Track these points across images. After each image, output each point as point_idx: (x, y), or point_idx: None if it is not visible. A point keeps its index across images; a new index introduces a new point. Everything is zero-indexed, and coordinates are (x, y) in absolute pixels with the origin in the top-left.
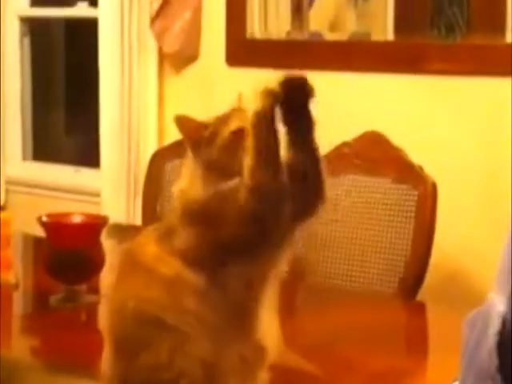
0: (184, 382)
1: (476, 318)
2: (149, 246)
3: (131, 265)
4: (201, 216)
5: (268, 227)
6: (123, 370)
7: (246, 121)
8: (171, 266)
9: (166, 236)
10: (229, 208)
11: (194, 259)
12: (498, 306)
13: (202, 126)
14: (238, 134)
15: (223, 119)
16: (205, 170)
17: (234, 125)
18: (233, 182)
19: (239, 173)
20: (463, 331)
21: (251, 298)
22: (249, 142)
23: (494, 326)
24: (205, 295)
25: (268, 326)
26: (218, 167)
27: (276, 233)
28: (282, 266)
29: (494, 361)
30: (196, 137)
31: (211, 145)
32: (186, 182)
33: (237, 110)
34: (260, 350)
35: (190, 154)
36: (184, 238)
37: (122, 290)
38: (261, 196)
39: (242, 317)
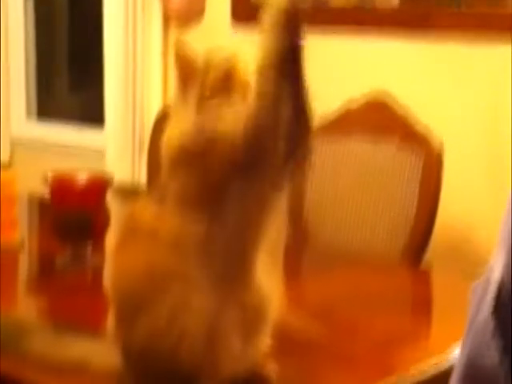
0: (184, 345)
1: (478, 285)
2: (148, 208)
3: (132, 229)
4: (192, 153)
5: (266, 149)
6: (125, 335)
7: (237, 65)
8: (169, 224)
9: (161, 197)
10: (223, 134)
11: (189, 203)
12: (496, 272)
13: (195, 61)
14: (229, 74)
15: (213, 59)
16: (196, 101)
17: (224, 65)
18: (224, 110)
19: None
20: (470, 300)
21: (252, 240)
22: (259, 73)
23: (491, 293)
24: (205, 243)
25: (272, 284)
26: (210, 98)
27: (273, 160)
28: (281, 207)
29: (490, 327)
30: (188, 72)
31: (204, 75)
32: (173, 128)
33: (229, 55)
34: (264, 300)
35: (179, 84)
36: (177, 184)
37: (124, 255)
38: (263, 119)
39: (243, 264)
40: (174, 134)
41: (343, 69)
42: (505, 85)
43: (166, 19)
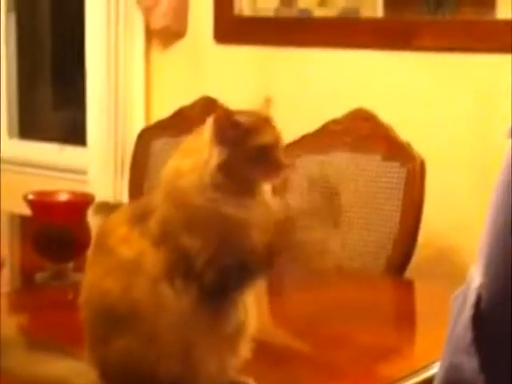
0: (162, 365)
1: (459, 293)
2: (119, 227)
3: (99, 246)
4: (188, 208)
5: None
6: (100, 356)
7: (275, 133)
8: (134, 247)
9: (142, 216)
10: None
11: (166, 239)
12: (476, 279)
13: (235, 122)
14: (267, 149)
15: (254, 127)
16: (220, 164)
17: (265, 138)
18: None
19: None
20: (450, 308)
21: (223, 278)
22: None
23: (470, 301)
24: (167, 278)
25: (249, 301)
26: (234, 173)
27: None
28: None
29: (469, 334)
30: (225, 129)
31: (238, 146)
32: (188, 164)
33: (266, 121)
34: (239, 325)
35: (211, 140)
36: (163, 216)
37: (88, 276)
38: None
39: (214, 297)
40: (183, 173)
41: (326, 79)
42: (491, 95)
43: (149, 37)
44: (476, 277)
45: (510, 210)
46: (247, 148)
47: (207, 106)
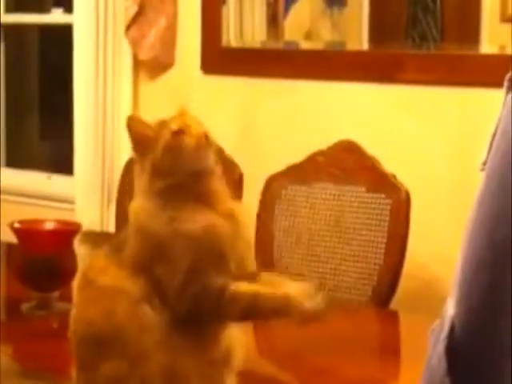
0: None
1: (435, 325)
2: (97, 260)
3: (84, 281)
4: (154, 239)
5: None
6: (88, 381)
7: (185, 122)
8: (111, 276)
9: (117, 248)
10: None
11: (139, 269)
12: (449, 310)
13: (149, 128)
14: (179, 134)
15: (164, 122)
16: (150, 174)
17: (174, 125)
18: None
19: (181, 175)
20: (428, 340)
21: (197, 307)
22: None
23: (444, 331)
24: (146, 304)
25: (236, 331)
26: (162, 170)
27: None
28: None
29: (443, 365)
30: (142, 140)
31: (154, 147)
32: (138, 196)
33: (177, 114)
34: (225, 354)
35: (136, 160)
36: (132, 247)
37: (76, 308)
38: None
39: (193, 325)
40: (137, 210)
41: (312, 111)
42: (475, 128)
43: (136, 68)
44: (450, 308)
45: (480, 244)
46: (161, 141)
47: None
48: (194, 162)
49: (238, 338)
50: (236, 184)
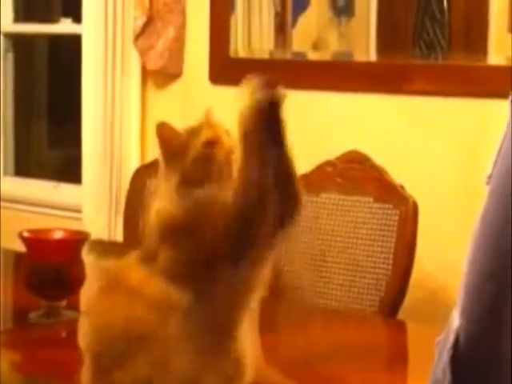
0: None
1: (441, 336)
2: (132, 271)
3: (114, 287)
4: (181, 231)
5: (254, 228)
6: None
7: (217, 133)
8: (155, 287)
9: (148, 259)
10: (210, 214)
11: (177, 276)
12: (455, 321)
13: (179, 136)
14: (209, 145)
15: (194, 130)
16: (179, 181)
17: (204, 136)
18: (208, 189)
19: (213, 183)
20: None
21: (235, 315)
22: (241, 144)
23: (449, 342)
24: (189, 313)
25: (248, 342)
26: (192, 178)
27: (261, 236)
28: (265, 279)
29: (448, 376)
30: (171, 147)
31: (184, 156)
32: (161, 200)
33: (207, 123)
34: (240, 367)
35: (163, 165)
36: (166, 257)
37: (103, 310)
38: (249, 194)
39: (224, 334)
40: (163, 207)
41: (319, 121)
42: (483, 139)
43: (144, 78)
44: (455, 319)
45: (485, 255)
46: (192, 151)
47: None
48: (223, 174)
49: (248, 349)
50: None
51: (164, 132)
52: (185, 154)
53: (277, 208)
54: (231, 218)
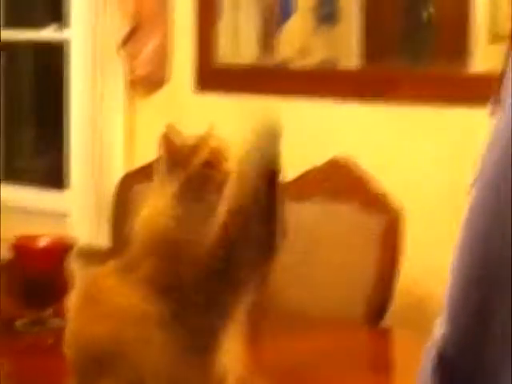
0: None
1: (427, 345)
2: (107, 279)
3: (87, 298)
4: (169, 242)
5: (238, 260)
6: None
7: (217, 155)
8: (127, 297)
9: (127, 268)
10: (200, 231)
11: (159, 287)
12: (440, 329)
13: (185, 144)
14: (209, 165)
15: (198, 144)
16: (178, 190)
17: (206, 154)
18: (205, 205)
19: (210, 200)
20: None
21: (218, 327)
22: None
23: (434, 350)
24: (168, 325)
25: (233, 352)
26: (192, 190)
27: (243, 270)
28: (245, 305)
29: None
30: (175, 155)
31: (188, 166)
32: (153, 207)
33: (206, 139)
34: (224, 377)
35: (163, 172)
36: (149, 267)
37: (84, 319)
38: (237, 228)
39: (203, 347)
40: (152, 215)
41: (305, 128)
42: (468, 146)
43: (130, 84)
44: (440, 327)
45: (469, 262)
46: (194, 165)
47: None
48: (219, 194)
49: (233, 359)
50: None
51: (170, 138)
52: (189, 165)
53: (260, 239)
54: (220, 240)
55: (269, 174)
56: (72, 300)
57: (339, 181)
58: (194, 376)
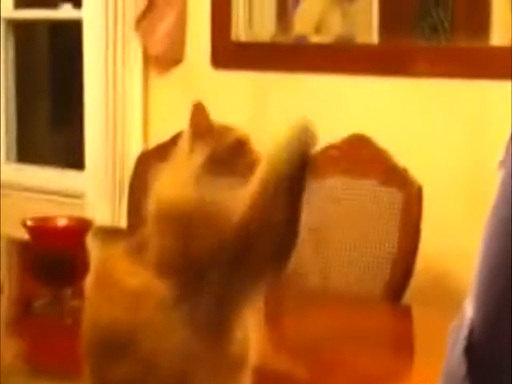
0: None
1: (454, 325)
2: (119, 260)
3: (100, 279)
4: (184, 219)
5: (256, 248)
6: (99, 382)
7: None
8: (139, 278)
9: (139, 248)
10: (219, 214)
11: (167, 269)
12: (468, 311)
13: (212, 121)
14: (241, 143)
15: (223, 128)
16: (204, 164)
17: (233, 135)
18: (229, 184)
19: (235, 179)
20: (447, 340)
21: (229, 310)
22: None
23: (463, 332)
24: (175, 307)
25: (251, 331)
26: (219, 165)
27: (262, 254)
28: (263, 283)
29: (463, 367)
30: (203, 128)
31: (216, 141)
32: (169, 181)
33: (233, 128)
34: (240, 355)
35: (188, 144)
36: (159, 246)
37: (97, 302)
38: (265, 211)
39: (216, 327)
40: (169, 189)
41: (322, 104)
42: (487, 121)
43: (147, 63)
44: (468, 309)
45: (497, 246)
46: (227, 139)
47: None
48: (246, 176)
49: (252, 333)
50: None
51: (199, 112)
52: (217, 140)
53: (277, 246)
54: (236, 229)
55: (301, 165)
56: (88, 282)
57: (358, 157)
58: (210, 356)
